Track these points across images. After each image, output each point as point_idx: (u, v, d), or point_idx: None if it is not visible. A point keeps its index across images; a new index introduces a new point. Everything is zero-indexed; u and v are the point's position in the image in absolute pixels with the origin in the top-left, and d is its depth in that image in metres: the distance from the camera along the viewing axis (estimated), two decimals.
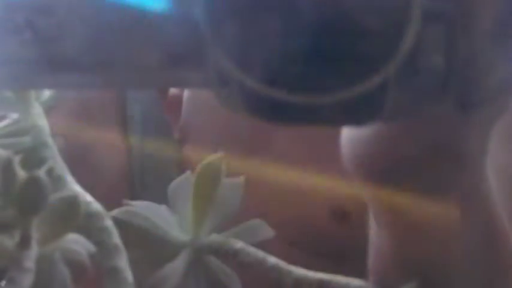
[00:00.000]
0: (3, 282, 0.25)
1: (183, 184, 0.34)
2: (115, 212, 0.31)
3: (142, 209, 0.33)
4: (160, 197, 0.33)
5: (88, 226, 0.28)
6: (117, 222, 0.30)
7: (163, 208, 0.33)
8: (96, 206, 0.28)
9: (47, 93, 0.33)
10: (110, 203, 0.30)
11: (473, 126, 0.28)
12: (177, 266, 0.32)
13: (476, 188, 0.31)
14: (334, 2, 0.22)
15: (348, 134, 0.31)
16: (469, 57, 0.23)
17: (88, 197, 0.28)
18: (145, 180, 0.47)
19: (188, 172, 0.34)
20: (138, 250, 0.31)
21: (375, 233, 0.33)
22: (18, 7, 0.23)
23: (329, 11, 0.22)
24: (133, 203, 0.33)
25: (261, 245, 0.33)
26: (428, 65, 0.23)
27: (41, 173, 0.25)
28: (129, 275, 0.27)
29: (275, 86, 0.23)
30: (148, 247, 0.33)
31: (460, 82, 0.24)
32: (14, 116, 0.32)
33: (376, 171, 0.30)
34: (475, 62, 0.24)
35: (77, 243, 0.27)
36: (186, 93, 0.50)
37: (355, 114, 0.24)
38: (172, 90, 0.52)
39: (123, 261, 0.27)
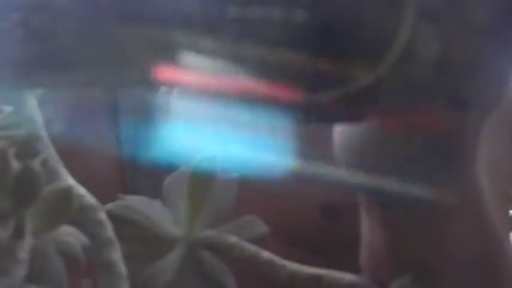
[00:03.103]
0: None
1: (177, 179, 0.34)
2: (109, 206, 0.31)
3: (136, 203, 0.33)
4: (153, 192, 0.34)
5: (82, 219, 0.28)
6: (111, 216, 0.30)
7: (157, 203, 0.33)
8: (90, 198, 0.28)
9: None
10: (102, 197, 0.30)
11: (465, 122, 0.28)
12: (171, 261, 0.32)
13: (467, 185, 0.31)
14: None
15: (341, 132, 0.31)
16: (463, 53, 0.24)
17: (82, 190, 0.29)
18: (137, 176, 0.47)
19: (183, 167, 0.34)
20: (131, 245, 0.31)
21: (367, 229, 0.33)
22: (12, 6, 0.24)
23: (324, 9, 0.22)
24: (127, 197, 0.33)
25: (254, 242, 0.33)
26: (421, 62, 0.23)
27: (35, 164, 0.25)
28: (122, 268, 0.27)
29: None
30: (142, 242, 0.33)
31: (453, 78, 0.24)
32: (8, 108, 0.32)
33: (370, 168, 0.30)
34: (468, 57, 0.24)
35: (70, 235, 0.27)
36: None
37: (350, 111, 0.24)
38: None
39: (116, 255, 0.27)
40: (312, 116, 0.24)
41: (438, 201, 0.30)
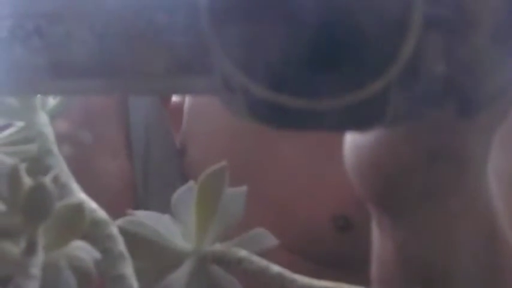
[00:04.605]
0: None
1: (186, 193, 0.34)
2: (119, 221, 0.31)
3: (145, 218, 0.33)
4: (164, 206, 0.34)
5: (93, 234, 0.28)
6: (121, 231, 0.30)
7: (166, 217, 0.33)
8: (101, 213, 0.28)
9: (52, 102, 0.33)
10: (113, 212, 0.30)
11: (475, 131, 0.28)
12: (180, 275, 0.32)
13: (477, 192, 0.31)
14: (337, 8, 0.22)
15: (350, 142, 0.31)
16: (470, 63, 0.24)
17: (93, 205, 0.29)
18: (148, 189, 0.47)
19: (191, 181, 0.34)
20: (141, 260, 0.31)
21: (378, 241, 0.33)
22: (27, 14, 0.24)
23: (332, 18, 0.22)
24: (137, 212, 0.33)
25: (264, 254, 0.33)
26: (429, 71, 0.23)
27: (47, 180, 0.25)
28: (134, 283, 0.27)
29: (279, 92, 0.23)
30: (151, 257, 0.33)
31: (460, 87, 0.24)
32: (20, 124, 0.32)
33: (379, 178, 0.30)
34: (476, 67, 0.24)
35: (82, 250, 0.27)
36: (187, 102, 0.50)
37: (357, 119, 0.24)
38: (174, 100, 0.52)
39: (128, 269, 0.27)
40: (320, 123, 0.24)
41: (448, 210, 0.30)
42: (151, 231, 0.32)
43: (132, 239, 0.31)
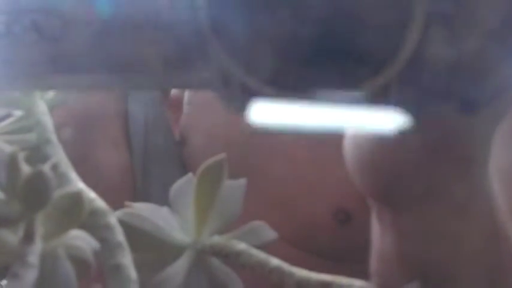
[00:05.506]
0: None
1: (184, 186, 0.34)
2: (117, 214, 0.31)
3: (144, 210, 0.33)
4: (162, 198, 0.34)
5: (92, 223, 0.28)
6: (120, 224, 0.30)
7: (165, 210, 0.33)
8: (100, 203, 0.28)
9: (51, 92, 0.33)
10: (111, 203, 0.30)
11: (476, 126, 0.28)
12: (179, 268, 0.32)
13: (479, 189, 0.31)
14: (337, 3, 0.22)
15: (351, 137, 0.31)
16: (472, 57, 0.24)
17: (92, 194, 0.28)
18: (147, 181, 0.47)
19: (190, 174, 0.34)
20: (140, 252, 0.31)
21: (377, 235, 0.33)
22: (24, 9, 0.24)
23: (332, 11, 0.22)
24: (135, 204, 0.33)
25: (263, 247, 0.33)
26: (431, 65, 0.23)
27: (46, 168, 0.25)
28: (132, 273, 0.27)
29: (278, 88, 0.23)
30: (150, 249, 0.32)
31: (463, 82, 0.24)
32: (19, 113, 0.32)
33: (380, 173, 0.30)
34: (478, 61, 0.24)
35: (80, 239, 0.27)
36: (186, 95, 0.50)
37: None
38: (174, 92, 0.52)
39: (126, 259, 0.27)
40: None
41: (448, 206, 0.30)
42: (149, 223, 0.32)
43: (131, 231, 0.31)
